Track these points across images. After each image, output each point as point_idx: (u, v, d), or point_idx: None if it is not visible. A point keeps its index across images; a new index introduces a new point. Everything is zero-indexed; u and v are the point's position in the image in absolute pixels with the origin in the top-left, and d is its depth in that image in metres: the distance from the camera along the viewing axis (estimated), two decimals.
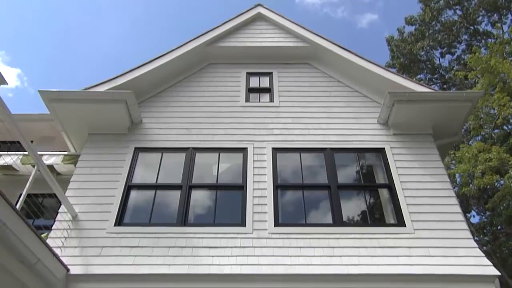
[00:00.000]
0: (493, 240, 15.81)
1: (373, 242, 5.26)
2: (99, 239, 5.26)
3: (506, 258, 15.53)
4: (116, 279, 4.82)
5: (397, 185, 5.88)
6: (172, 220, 5.55)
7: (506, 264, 15.06)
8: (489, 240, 15.89)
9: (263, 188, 5.84)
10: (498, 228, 15.97)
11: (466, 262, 4.94)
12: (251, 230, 5.36)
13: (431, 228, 5.37)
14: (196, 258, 5.06)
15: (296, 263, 5.00)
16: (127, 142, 6.50)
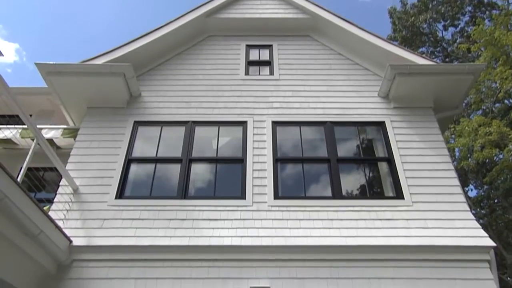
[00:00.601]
0: (490, 213, 16.03)
1: (371, 214, 5.33)
2: (101, 211, 5.32)
3: (502, 231, 15.79)
4: (118, 250, 4.90)
5: (397, 158, 5.89)
6: (173, 193, 5.60)
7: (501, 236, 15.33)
8: (486, 213, 16.11)
9: (263, 161, 5.86)
10: (495, 201, 16.15)
11: (463, 234, 5.02)
12: (251, 203, 5.41)
13: (429, 200, 5.42)
14: (197, 230, 5.13)
15: (295, 235, 5.07)
16: (126, 116, 6.47)
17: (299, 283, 4.70)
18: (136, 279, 4.73)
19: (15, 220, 3.80)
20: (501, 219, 16.15)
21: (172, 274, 4.77)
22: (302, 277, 4.75)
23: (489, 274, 4.72)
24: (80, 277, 4.74)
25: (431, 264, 4.82)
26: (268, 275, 4.76)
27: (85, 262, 4.84)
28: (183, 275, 4.76)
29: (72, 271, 4.78)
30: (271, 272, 4.78)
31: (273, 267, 4.82)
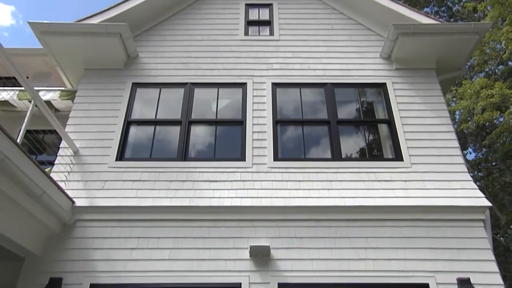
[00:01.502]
0: (487, 176, 16.22)
1: (370, 176, 5.37)
2: (102, 173, 5.36)
3: (498, 193, 16.05)
4: (120, 211, 4.99)
5: (397, 120, 5.87)
6: (173, 155, 5.62)
7: (496, 198, 15.60)
8: (483, 176, 16.30)
9: (263, 123, 5.84)
10: (493, 164, 16.30)
11: (460, 195, 5.09)
12: (250, 165, 5.45)
13: (428, 162, 5.45)
14: (197, 192, 5.20)
15: (294, 195, 5.14)
16: (124, 78, 6.38)
17: (298, 242, 4.82)
18: (138, 238, 4.84)
19: (17, 181, 3.83)
20: (498, 182, 16.36)
21: (174, 233, 4.88)
22: (301, 237, 4.86)
23: (483, 233, 4.83)
24: (83, 236, 4.85)
25: (428, 223, 4.92)
26: (267, 234, 4.87)
27: (88, 222, 4.94)
28: (184, 234, 4.87)
29: (76, 230, 4.89)
30: (271, 231, 4.88)
31: (273, 227, 4.92)
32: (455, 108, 13.97)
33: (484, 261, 4.65)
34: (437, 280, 4.54)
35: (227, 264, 4.69)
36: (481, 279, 4.51)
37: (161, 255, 4.73)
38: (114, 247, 4.78)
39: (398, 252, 4.75)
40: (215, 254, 4.74)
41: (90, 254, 4.73)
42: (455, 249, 4.74)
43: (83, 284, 4.52)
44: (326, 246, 4.80)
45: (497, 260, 4.76)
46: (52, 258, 4.68)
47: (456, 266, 4.62)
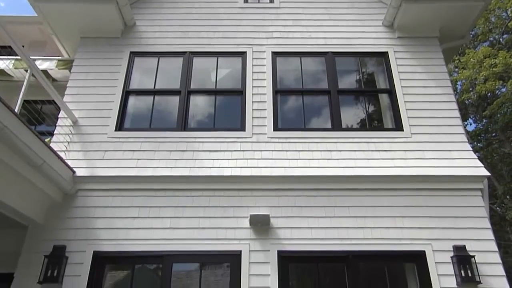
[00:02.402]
0: (486, 147, 16.27)
1: (370, 146, 5.38)
2: (101, 143, 5.36)
3: (496, 164, 16.16)
4: (121, 180, 5.02)
5: (398, 90, 5.81)
6: (172, 125, 5.60)
7: (495, 168, 15.72)
8: (482, 147, 16.35)
9: (263, 93, 5.79)
10: (492, 135, 16.31)
11: (459, 164, 5.11)
12: (250, 135, 5.44)
13: (428, 132, 5.44)
14: (197, 161, 5.21)
15: (294, 165, 5.16)
16: (121, 46, 6.26)
17: (297, 211, 4.88)
18: (139, 207, 4.89)
19: (17, 150, 3.84)
20: (497, 153, 16.44)
21: (174, 203, 4.93)
22: (300, 206, 4.91)
23: (480, 202, 4.89)
24: (85, 205, 4.90)
25: (426, 193, 4.97)
26: (267, 203, 4.92)
27: (89, 192, 4.98)
28: (184, 203, 4.92)
29: (78, 200, 4.94)
30: (271, 201, 4.93)
31: (272, 196, 4.97)
32: (457, 78, 13.84)
33: (480, 229, 4.72)
34: (433, 248, 4.63)
35: (227, 232, 4.76)
36: (477, 246, 4.60)
37: (162, 224, 4.80)
38: (116, 216, 4.84)
39: (396, 220, 4.81)
40: (215, 223, 4.81)
41: (92, 223, 4.80)
42: (452, 217, 4.80)
43: (87, 252, 4.61)
44: (325, 215, 4.86)
45: (493, 228, 4.83)
46: (55, 227, 4.75)
47: (452, 234, 4.70)
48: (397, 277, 4.87)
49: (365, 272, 4.74)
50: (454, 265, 4.49)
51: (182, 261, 4.75)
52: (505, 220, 15.39)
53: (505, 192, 14.54)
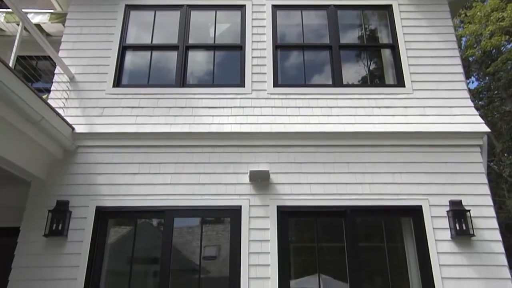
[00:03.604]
0: (487, 105, 16.19)
1: (371, 102, 5.33)
2: (100, 100, 5.30)
3: (496, 122, 16.16)
4: (120, 137, 5.02)
5: (401, 44, 5.67)
6: (171, 81, 5.51)
7: (495, 127, 15.74)
8: (484, 105, 16.26)
9: (262, 48, 5.65)
10: (495, 92, 16.18)
11: (459, 121, 5.09)
12: (250, 91, 5.37)
13: (430, 88, 5.37)
14: (196, 118, 5.18)
15: (294, 122, 5.14)
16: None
17: (297, 167, 4.92)
18: (140, 163, 4.93)
19: (15, 106, 3.80)
20: (497, 111, 16.38)
21: (175, 159, 4.95)
22: (300, 162, 4.94)
23: (479, 158, 4.91)
24: (86, 161, 4.93)
25: (425, 149, 4.98)
26: (267, 160, 4.95)
27: (89, 148, 4.99)
28: (185, 160, 4.95)
29: (78, 156, 4.96)
30: (270, 157, 4.96)
31: (272, 152, 4.99)
32: (462, 33, 13.49)
33: (477, 185, 4.78)
34: (430, 202, 4.71)
35: (228, 188, 4.83)
36: (473, 201, 4.68)
37: (163, 180, 4.85)
38: (117, 172, 4.88)
39: (395, 176, 4.87)
40: (215, 179, 4.86)
41: (94, 179, 4.85)
42: (449, 173, 4.85)
43: (89, 207, 4.70)
44: (325, 171, 4.90)
45: (489, 185, 4.88)
46: (57, 183, 4.81)
47: (449, 189, 4.76)
48: (393, 231, 5.00)
49: (363, 226, 4.87)
50: (449, 219, 4.60)
51: (183, 216, 4.85)
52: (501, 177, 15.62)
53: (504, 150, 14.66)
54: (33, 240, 4.52)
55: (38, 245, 4.51)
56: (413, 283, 4.61)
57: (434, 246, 4.52)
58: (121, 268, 4.85)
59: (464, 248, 4.50)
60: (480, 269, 4.41)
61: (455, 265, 4.44)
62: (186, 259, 4.97)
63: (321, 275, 4.60)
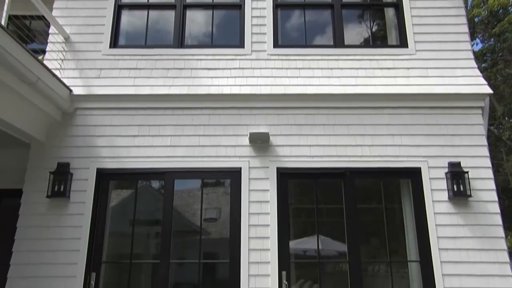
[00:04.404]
0: (491, 67, 15.95)
1: (372, 63, 5.23)
2: (96, 61, 5.21)
3: (499, 85, 15.99)
4: (119, 99, 4.97)
5: (405, 3, 5.48)
6: (169, 42, 5.39)
7: (497, 90, 15.59)
8: (487, 67, 16.03)
9: (262, 7, 5.47)
10: (499, 55, 15.90)
11: (462, 82, 5.01)
12: (249, 52, 5.26)
13: (433, 49, 5.25)
14: (195, 80, 5.11)
15: (294, 83, 5.07)
16: None
17: (297, 129, 4.90)
18: (139, 125, 4.91)
19: (10, 67, 3.75)
20: (501, 74, 16.17)
21: (174, 121, 4.93)
22: (300, 124, 4.93)
23: (480, 120, 4.89)
24: (85, 124, 4.91)
25: (426, 111, 4.94)
26: (267, 122, 4.92)
27: (88, 111, 4.96)
28: (184, 122, 4.93)
29: (77, 118, 4.93)
30: (270, 119, 4.93)
31: (272, 114, 4.95)
32: None
33: (477, 146, 4.79)
34: (429, 164, 4.73)
35: (228, 150, 4.84)
36: (471, 163, 4.70)
37: (162, 142, 4.85)
38: (116, 134, 4.88)
39: (395, 138, 4.86)
40: (215, 141, 4.86)
41: (93, 141, 4.85)
42: (450, 135, 4.84)
43: (90, 169, 4.73)
44: (324, 133, 4.89)
45: (488, 147, 4.89)
46: (57, 145, 4.81)
47: (449, 151, 4.77)
48: (392, 192, 5.07)
49: (361, 188, 4.92)
50: (447, 181, 4.64)
51: (184, 178, 4.90)
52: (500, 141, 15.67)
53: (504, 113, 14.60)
54: (36, 201, 4.59)
55: (41, 206, 4.58)
56: (410, 243, 4.72)
57: (431, 207, 4.59)
58: (124, 229, 4.96)
59: (461, 208, 4.57)
60: (475, 228, 4.50)
61: (451, 225, 4.52)
62: (187, 221, 5.07)
63: (319, 236, 4.70)
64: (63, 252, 4.44)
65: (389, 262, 4.63)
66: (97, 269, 4.50)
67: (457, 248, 4.45)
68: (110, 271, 4.77)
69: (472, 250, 4.44)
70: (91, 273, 4.44)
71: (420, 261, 4.53)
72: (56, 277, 4.36)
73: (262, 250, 4.49)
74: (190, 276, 4.85)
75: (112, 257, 4.78)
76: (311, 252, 4.81)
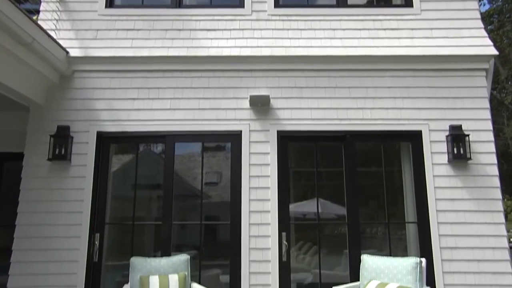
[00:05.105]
0: (497, 29, 15.57)
1: (376, 24, 5.09)
2: (92, 21, 5.07)
3: (504, 48, 15.67)
4: (116, 61, 4.88)
5: None
6: (167, 1, 5.23)
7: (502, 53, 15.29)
8: (493, 29, 15.65)
9: None
10: (507, 16, 15.48)
11: (467, 43, 4.90)
12: (250, 12, 5.11)
13: (439, 8, 5.09)
14: (195, 41, 5.00)
15: (295, 45, 4.96)
16: None
17: (298, 92, 4.85)
18: (138, 88, 4.85)
19: (4, 27, 3.65)
20: (507, 36, 15.80)
21: (173, 84, 4.87)
22: (301, 86, 4.86)
23: (483, 82, 4.81)
24: (83, 87, 4.85)
25: (429, 73, 4.87)
26: (267, 84, 4.86)
27: (86, 73, 4.88)
28: (184, 84, 4.87)
29: (75, 81, 4.87)
30: (271, 81, 4.87)
31: (273, 77, 4.88)
32: None
33: (479, 109, 4.75)
34: (430, 127, 4.72)
35: (228, 113, 4.81)
36: (473, 126, 4.68)
37: (162, 105, 4.81)
38: (116, 98, 4.83)
39: (396, 101, 4.81)
40: (215, 104, 4.82)
41: (92, 104, 4.81)
42: (452, 98, 4.79)
43: (90, 132, 4.72)
44: (325, 95, 4.84)
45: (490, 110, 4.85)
46: (56, 108, 4.78)
47: (451, 114, 4.74)
48: (392, 156, 5.08)
49: (361, 152, 4.92)
50: (448, 144, 4.63)
51: (184, 141, 4.89)
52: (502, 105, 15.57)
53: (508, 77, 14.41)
54: (37, 164, 4.61)
55: (43, 168, 4.61)
56: (408, 205, 4.79)
57: (431, 170, 4.62)
58: (126, 192, 5.01)
59: (460, 171, 4.60)
60: (473, 190, 4.55)
61: (450, 187, 4.57)
62: (188, 185, 5.12)
63: (319, 199, 4.76)
64: (66, 214, 4.52)
65: (387, 224, 4.71)
66: (101, 230, 4.59)
67: (454, 209, 4.51)
68: (114, 232, 4.88)
69: (469, 211, 4.50)
70: (95, 234, 4.54)
71: (417, 223, 4.61)
72: (60, 237, 4.46)
73: (262, 212, 4.56)
74: (192, 238, 4.96)
75: (115, 219, 4.87)
76: (311, 215, 4.89)
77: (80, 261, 4.41)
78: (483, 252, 4.40)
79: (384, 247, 4.72)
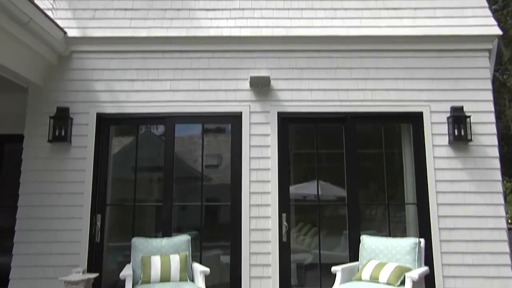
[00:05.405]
0: (502, 9, 15.32)
1: (378, 3, 5.01)
2: (90, 1, 4.98)
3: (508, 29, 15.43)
4: (115, 42, 4.83)
5: None
6: None
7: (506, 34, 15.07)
8: (498, 9, 15.40)
9: None
10: None
11: (471, 23, 4.82)
12: None
13: None
14: (194, 21, 4.93)
15: (296, 25, 4.89)
16: None
17: (298, 73, 4.81)
18: (137, 69, 4.81)
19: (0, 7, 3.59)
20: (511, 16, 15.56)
21: (173, 65, 4.83)
22: (301, 67, 4.82)
23: (486, 63, 4.76)
24: (82, 67, 4.81)
25: (431, 54, 4.81)
26: (267, 65, 4.81)
27: (84, 54, 4.83)
28: (183, 65, 4.82)
29: (73, 62, 4.83)
30: (271, 62, 4.82)
31: (273, 57, 4.83)
32: None
33: (481, 90, 4.71)
34: (431, 109, 4.69)
35: (228, 94, 4.78)
36: (474, 107, 4.65)
37: (162, 86, 4.78)
38: (115, 79, 4.80)
39: (398, 82, 4.77)
40: (215, 85, 4.78)
41: (92, 85, 4.78)
42: (454, 79, 4.75)
43: (90, 113, 4.71)
44: (326, 77, 4.80)
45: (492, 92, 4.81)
46: (55, 89, 4.75)
47: (452, 96, 4.71)
48: (392, 137, 5.08)
49: (362, 133, 4.91)
50: (448, 125, 4.61)
51: (184, 122, 4.88)
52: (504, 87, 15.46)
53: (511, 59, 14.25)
54: (38, 145, 4.62)
55: (44, 150, 4.61)
56: (408, 187, 4.80)
57: (431, 151, 4.61)
58: (126, 174, 5.03)
59: (460, 152, 4.59)
60: (473, 172, 4.55)
61: (450, 169, 4.57)
62: (189, 167, 5.13)
63: (319, 181, 4.77)
64: (68, 195, 4.54)
65: (387, 205, 4.73)
66: (102, 211, 4.63)
67: (454, 191, 4.53)
68: (115, 214, 4.92)
69: (468, 193, 4.52)
70: (96, 215, 4.57)
71: (417, 204, 4.63)
72: (62, 218, 4.50)
73: (262, 193, 4.58)
74: (192, 220, 5.00)
75: (116, 200, 4.90)
76: (311, 196, 4.92)
77: (82, 241, 4.46)
78: (481, 233, 4.43)
79: (383, 228, 4.76)
